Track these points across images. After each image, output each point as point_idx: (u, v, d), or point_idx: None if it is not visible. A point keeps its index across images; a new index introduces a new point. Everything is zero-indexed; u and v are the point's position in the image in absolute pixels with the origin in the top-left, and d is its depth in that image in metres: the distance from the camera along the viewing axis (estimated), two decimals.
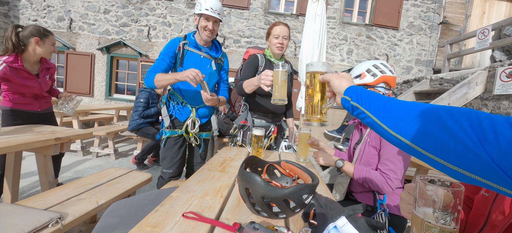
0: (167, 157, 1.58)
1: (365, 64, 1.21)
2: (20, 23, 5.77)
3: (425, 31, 6.01)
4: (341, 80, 0.62)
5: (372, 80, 1.16)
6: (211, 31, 1.49)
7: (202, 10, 1.43)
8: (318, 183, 0.67)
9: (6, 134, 1.43)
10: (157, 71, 1.43)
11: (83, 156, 3.48)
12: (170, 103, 1.61)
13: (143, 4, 5.73)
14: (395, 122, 0.44)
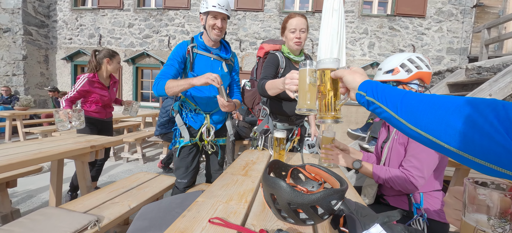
0: (181, 167, 1.50)
1: (398, 58, 1.10)
2: (57, 41, 6.44)
3: (456, 16, 5.49)
4: (354, 75, 0.60)
5: (407, 77, 1.07)
6: (220, 29, 1.39)
7: (209, 7, 1.33)
8: (347, 187, 0.63)
9: (49, 143, 1.59)
10: (167, 77, 1.34)
11: (115, 161, 3.75)
12: (182, 111, 1.52)
13: (163, 16, 6.04)
14: (415, 116, 0.43)
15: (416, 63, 1.07)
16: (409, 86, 1.09)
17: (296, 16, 1.40)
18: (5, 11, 5.82)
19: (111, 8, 6.17)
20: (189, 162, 1.51)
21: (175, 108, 1.53)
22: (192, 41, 1.45)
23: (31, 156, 1.34)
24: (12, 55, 5.84)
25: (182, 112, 1.52)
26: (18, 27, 5.77)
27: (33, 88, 6.11)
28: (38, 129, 4.02)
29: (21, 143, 1.62)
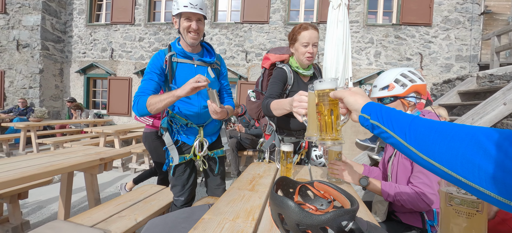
0: (177, 185, 1.39)
1: (391, 74, 1.13)
2: (72, 55, 6.74)
3: (463, 24, 5.42)
4: (356, 97, 0.60)
5: (402, 91, 1.09)
6: (196, 31, 1.23)
7: (181, 8, 1.18)
8: (358, 207, 0.61)
9: (60, 156, 1.63)
10: (146, 93, 1.19)
11: (123, 171, 3.79)
12: (173, 128, 1.37)
13: (171, 29, 6.26)
14: (426, 145, 0.41)
15: (409, 77, 1.09)
16: (407, 100, 1.10)
17: (309, 29, 1.28)
18: (25, 28, 6.18)
19: (123, 24, 6.46)
20: (185, 180, 1.40)
21: (164, 125, 1.35)
22: (169, 49, 1.29)
23: (43, 168, 1.37)
24: (30, 69, 6.14)
25: (173, 129, 1.37)
26: (37, 42, 6.10)
27: (48, 100, 6.36)
28: (51, 139, 4.14)
29: (33, 155, 1.66)
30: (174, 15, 1.25)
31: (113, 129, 3.76)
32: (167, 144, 1.33)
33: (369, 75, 5.56)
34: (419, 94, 1.10)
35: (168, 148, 1.33)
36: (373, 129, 0.54)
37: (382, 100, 1.16)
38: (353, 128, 3.94)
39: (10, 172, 1.30)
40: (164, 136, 1.34)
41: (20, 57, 6.23)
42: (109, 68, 6.51)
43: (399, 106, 1.13)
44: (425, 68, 5.53)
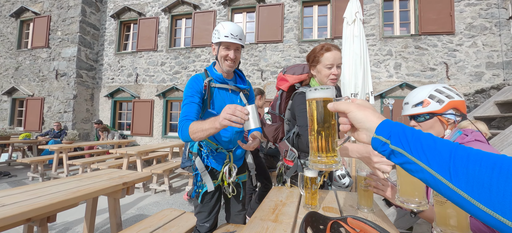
0: (204, 212, 1.37)
1: (424, 90, 1.04)
2: (102, 81, 7.34)
3: (491, 30, 5.07)
4: (366, 112, 0.47)
5: (439, 108, 0.99)
6: (233, 60, 1.27)
7: (221, 38, 1.23)
8: None
9: (87, 180, 1.70)
10: (190, 118, 1.18)
11: (144, 192, 3.87)
12: (202, 153, 1.35)
13: (191, 53, 6.62)
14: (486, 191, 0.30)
15: (445, 93, 1.00)
16: (445, 117, 1.00)
17: (332, 49, 1.23)
18: (63, 59, 6.92)
19: (147, 51, 6.98)
20: (212, 206, 1.38)
21: (194, 150, 1.35)
22: (207, 75, 1.31)
23: (70, 194, 1.43)
24: (65, 95, 6.76)
25: (202, 154, 1.35)
26: (72, 71, 6.77)
27: (79, 123, 6.88)
28: (80, 161, 4.40)
29: (62, 180, 1.74)
30: (214, 43, 1.30)
31: (136, 150, 3.91)
32: (199, 169, 1.31)
33: (390, 88, 5.31)
34: (458, 111, 1.00)
35: (201, 174, 1.31)
36: (393, 156, 0.42)
37: (416, 118, 1.06)
38: None
39: (41, 198, 1.36)
40: (195, 161, 1.33)
41: (57, 85, 6.91)
42: (134, 92, 6.96)
43: (436, 124, 1.02)
44: (453, 78, 5.17)
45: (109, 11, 7.50)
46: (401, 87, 5.32)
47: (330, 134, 0.54)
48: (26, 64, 7.32)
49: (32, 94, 7.15)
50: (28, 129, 6.98)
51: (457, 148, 0.36)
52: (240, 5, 6.41)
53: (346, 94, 3.21)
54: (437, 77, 5.23)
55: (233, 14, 6.55)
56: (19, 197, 1.36)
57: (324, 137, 0.55)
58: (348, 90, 3.20)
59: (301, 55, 5.87)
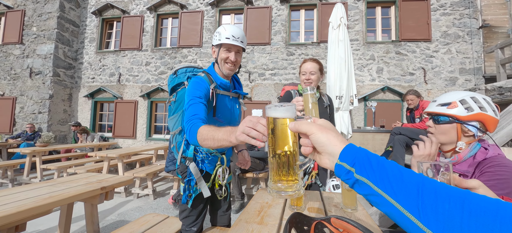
0: (192, 216, 1.35)
1: (459, 93, 0.96)
2: (82, 81, 6.96)
3: (463, 38, 5.46)
4: (329, 135, 0.44)
5: (465, 115, 0.91)
6: (233, 63, 1.24)
7: (222, 39, 1.20)
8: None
9: (61, 185, 1.58)
10: (200, 118, 1.05)
11: (125, 197, 3.69)
12: (197, 157, 1.31)
13: (177, 53, 6.48)
14: None
15: (480, 103, 0.91)
16: (466, 126, 0.92)
17: (308, 61, 1.63)
18: (39, 56, 6.49)
19: (131, 49, 6.73)
20: (200, 210, 1.36)
21: (189, 156, 1.29)
22: (211, 80, 1.25)
23: (41, 201, 1.33)
24: (40, 95, 6.33)
25: (197, 159, 1.30)
26: (49, 69, 6.36)
27: (56, 125, 6.46)
28: (55, 165, 4.12)
29: (33, 185, 1.62)
30: (214, 45, 1.27)
31: (117, 152, 3.74)
32: (195, 175, 1.26)
33: (373, 91, 5.53)
34: (485, 127, 0.92)
35: (197, 180, 1.27)
36: (358, 186, 0.39)
37: (435, 118, 0.99)
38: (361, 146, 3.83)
39: (8, 206, 1.25)
40: (190, 166, 1.27)
41: (32, 84, 6.46)
42: (116, 92, 6.67)
43: (452, 132, 0.94)
44: (430, 82, 5.49)
45: (91, 7, 7.16)
46: (383, 91, 5.55)
47: (290, 156, 0.50)
48: None
49: (2, 93, 6.62)
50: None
51: (424, 182, 0.33)
52: (228, 6, 6.39)
53: (333, 96, 3.29)
54: (416, 82, 5.52)
55: (221, 15, 6.51)
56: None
57: (284, 159, 0.50)
58: (333, 92, 3.28)
59: (288, 57, 5.95)
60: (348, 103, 3.34)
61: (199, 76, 1.24)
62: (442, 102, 0.97)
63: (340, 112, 3.32)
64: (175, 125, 1.43)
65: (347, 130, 3.29)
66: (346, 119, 3.30)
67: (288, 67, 5.93)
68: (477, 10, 5.57)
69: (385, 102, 5.48)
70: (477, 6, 5.61)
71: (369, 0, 5.85)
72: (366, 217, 1.04)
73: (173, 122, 1.44)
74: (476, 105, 0.91)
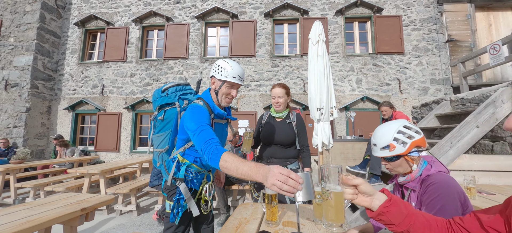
0: (178, 231, 1.39)
1: (388, 133, 1.12)
2: (62, 93, 6.72)
3: (432, 51, 5.96)
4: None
5: (404, 150, 1.09)
6: (232, 98, 1.38)
7: (229, 77, 1.30)
8: None
9: (38, 208, 1.56)
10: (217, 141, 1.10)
11: (107, 214, 3.58)
12: (187, 177, 1.36)
13: (163, 65, 6.48)
14: None
15: (407, 134, 1.10)
16: (410, 156, 1.11)
17: (276, 87, 1.91)
18: (16, 68, 6.21)
19: (115, 61, 6.64)
20: (186, 225, 1.42)
21: (180, 175, 1.33)
22: (208, 108, 1.32)
23: (18, 226, 1.31)
24: (16, 108, 6.03)
25: (186, 178, 1.35)
26: (26, 82, 6.10)
27: (32, 139, 6.15)
28: (31, 183, 3.93)
29: (8, 209, 1.58)
30: (217, 78, 1.33)
31: (99, 168, 3.64)
32: (185, 195, 1.31)
33: (353, 101, 5.82)
34: (420, 147, 1.11)
35: (187, 200, 1.32)
36: None
37: (386, 159, 1.16)
38: (342, 155, 4.01)
39: None
40: (180, 186, 1.32)
41: (6, 97, 6.14)
42: (99, 104, 6.50)
43: (403, 163, 1.13)
44: (404, 91, 5.89)
45: (73, 18, 7.02)
46: (362, 100, 5.87)
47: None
48: None
49: None
50: None
51: None
52: (214, 19, 6.54)
53: (314, 108, 3.46)
54: (392, 91, 5.90)
55: (207, 28, 6.64)
56: None
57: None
58: (314, 105, 3.46)
59: (272, 69, 6.15)
60: (328, 114, 3.52)
61: (199, 105, 1.29)
62: (382, 146, 1.12)
63: (321, 123, 3.49)
64: (162, 143, 1.49)
65: (328, 139, 3.46)
66: (327, 129, 3.48)
67: (273, 79, 6.12)
68: (443, 26, 6.13)
69: (365, 111, 5.78)
70: (443, 22, 6.17)
71: (347, 16, 6.25)
72: None
73: (160, 140, 1.50)
74: (406, 137, 1.09)
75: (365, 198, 0.77)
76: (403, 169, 1.14)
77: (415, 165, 1.12)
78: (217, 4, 6.50)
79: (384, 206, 0.75)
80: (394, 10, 6.21)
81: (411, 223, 0.73)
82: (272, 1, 6.44)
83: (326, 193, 0.77)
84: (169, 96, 1.49)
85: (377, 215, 0.76)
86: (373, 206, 0.77)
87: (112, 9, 6.93)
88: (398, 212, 0.75)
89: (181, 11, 6.65)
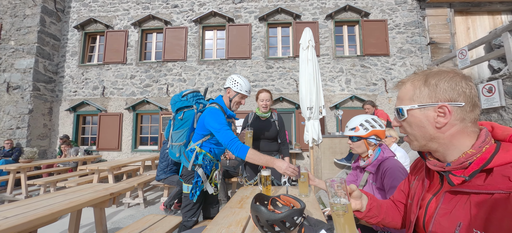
0: (193, 209, 1.71)
1: (358, 119, 1.46)
2: (63, 94, 6.91)
3: (415, 53, 6.44)
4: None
5: (364, 134, 1.41)
6: (240, 104, 1.85)
7: (243, 91, 1.76)
8: (304, 207, 1.01)
9: (71, 194, 1.88)
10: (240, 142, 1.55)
11: (116, 207, 3.88)
12: (204, 164, 1.70)
13: (162, 67, 6.74)
14: None
15: (371, 123, 1.42)
16: (368, 140, 1.41)
17: (263, 92, 2.27)
18: (17, 71, 6.37)
19: (115, 63, 6.86)
20: (199, 204, 1.74)
21: (199, 162, 1.69)
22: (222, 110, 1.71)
23: (63, 205, 1.63)
24: (19, 110, 6.20)
25: (203, 165, 1.70)
26: (28, 84, 6.27)
27: (35, 140, 6.33)
28: (42, 180, 4.18)
29: (46, 195, 1.89)
30: (233, 89, 1.77)
31: (108, 165, 3.93)
32: (202, 178, 1.68)
33: (343, 100, 6.25)
34: (379, 137, 1.41)
35: (204, 182, 1.69)
36: None
37: (350, 138, 1.48)
38: (330, 149, 4.42)
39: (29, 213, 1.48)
40: (198, 171, 1.68)
41: (9, 99, 6.30)
42: (100, 105, 6.72)
43: (362, 145, 1.43)
44: (390, 91, 6.35)
45: (73, 21, 7.19)
46: (351, 100, 6.30)
47: None
48: None
49: None
50: None
51: None
52: (211, 23, 6.84)
53: (305, 107, 3.84)
54: (378, 91, 6.35)
55: (204, 31, 6.93)
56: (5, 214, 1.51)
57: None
58: (305, 104, 3.84)
59: (267, 71, 6.51)
60: (317, 113, 3.91)
61: (217, 109, 1.69)
62: (350, 127, 1.48)
63: (311, 121, 3.88)
64: (181, 138, 1.87)
65: (318, 136, 3.85)
66: (317, 126, 3.87)
67: (267, 80, 6.48)
68: (425, 29, 6.61)
69: (353, 109, 6.22)
70: (425, 26, 6.66)
71: (337, 20, 6.65)
72: (313, 200, 1.53)
73: (178, 135, 1.87)
74: (369, 125, 1.42)
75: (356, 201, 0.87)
76: (361, 150, 1.46)
77: (371, 150, 1.44)
78: (214, 8, 6.79)
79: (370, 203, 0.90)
80: (380, 14, 6.66)
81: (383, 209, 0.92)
82: (266, 5, 6.79)
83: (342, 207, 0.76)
84: (188, 100, 1.87)
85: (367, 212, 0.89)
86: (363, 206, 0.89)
87: (111, 12, 7.13)
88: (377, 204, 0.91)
89: (179, 15, 6.92)
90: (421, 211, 0.74)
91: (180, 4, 6.96)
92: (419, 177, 0.83)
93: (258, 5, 6.80)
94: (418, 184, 0.82)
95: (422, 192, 0.77)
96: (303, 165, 6.17)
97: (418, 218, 0.75)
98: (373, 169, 1.44)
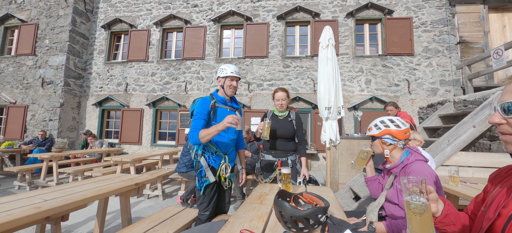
0: (205, 202, 1.74)
1: (374, 121, 1.44)
2: (90, 90, 7.38)
3: (443, 53, 6.04)
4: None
5: (377, 132, 1.38)
6: (235, 87, 1.89)
7: (228, 73, 1.83)
8: (328, 206, 0.99)
9: (100, 183, 2.01)
10: (198, 129, 1.66)
11: (137, 198, 4.08)
12: (205, 155, 1.77)
13: (181, 65, 6.96)
14: None
15: (385, 123, 1.38)
16: (382, 139, 1.35)
17: (279, 91, 2.25)
18: (51, 67, 6.91)
19: (138, 61, 7.20)
20: (211, 197, 1.76)
21: (199, 152, 1.77)
22: (212, 98, 1.84)
23: (96, 191, 1.75)
24: (51, 103, 6.73)
25: (205, 155, 1.78)
26: (60, 79, 6.78)
27: (65, 131, 6.84)
28: (71, 169, 4.50)
29: (78, 183, 2.03)
30: (221, 76, 1.86)
31: (130, 157, 4.14)
32: (204, 166, 1.74)
33: (362, 101, 6.04)
34: (395, 138, 1.33)
35: (205, 169, 1.74)
36: None
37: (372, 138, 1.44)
38: (348, 151, 4.30)
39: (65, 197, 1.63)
40: (200, 160, 1.76)
41: (43, 93, 6.86)
42: (123, 101, 7.09)
43: (378, 144, 1.39)
44: (413, 92, 6.02)
45: (100, 21, 7.65)
46: (371, 100, 6.07)
47: None
48: (9, 71, 7.18)
49: (14, 101, 6.99)
50: (8, 137, 6.79)
51: None
52: (229, 22, 6.92)
53: (322, 107, 3.76)
54: (400, 92, 6.05)
55: (222, 30, 7.04)
56: (40, 198, 1.65)
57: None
58: (323, 104, 3.76)
59: (284, 69, 6.46)
60: (336, 113, 3.81)
61: (205, 98, 1.83)
62: (368, 128, 1.45)
63: (329, 121, 3.79)
64: None
65: (336, 136, 3.76)
66: (334, 127, 3.77)
67: (284, 79, 6.44)
68: (455, 28, 6.18)
69: (373, 111, 5.98)
70: (455, 24, 6.22)
71: (357, 18, 6.43)
72: (334, 200, 1.49)
73: None
74: (382, 125, 1.36)
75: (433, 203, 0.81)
76: (378, 149, 1.41)
77: (387, 151, 1.37)
78: (233, 7, 6.87)
79: (447, 208, 0.84)
80: (405, 12, 6.33)
81: (461, 220, 0.83)
82: (285, 4, 6.73)
83: (421, 206, 0.72)
84: None
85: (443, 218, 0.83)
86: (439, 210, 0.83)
87: (135, 12, 7.48)
88: (455, 211, 0.84)
89: (198, 14, 7.09)
90: (501, 219, 0.70)
91: (199, 3, 7.13)
92: (503, 185, 0.79)
93: (276, 3, 6.77)
94: (500, 191, 0.78)
95: (505, 200, 0.73)
96: (318, 165, 6.05)
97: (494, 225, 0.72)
98: (398, 171, 1.39)
